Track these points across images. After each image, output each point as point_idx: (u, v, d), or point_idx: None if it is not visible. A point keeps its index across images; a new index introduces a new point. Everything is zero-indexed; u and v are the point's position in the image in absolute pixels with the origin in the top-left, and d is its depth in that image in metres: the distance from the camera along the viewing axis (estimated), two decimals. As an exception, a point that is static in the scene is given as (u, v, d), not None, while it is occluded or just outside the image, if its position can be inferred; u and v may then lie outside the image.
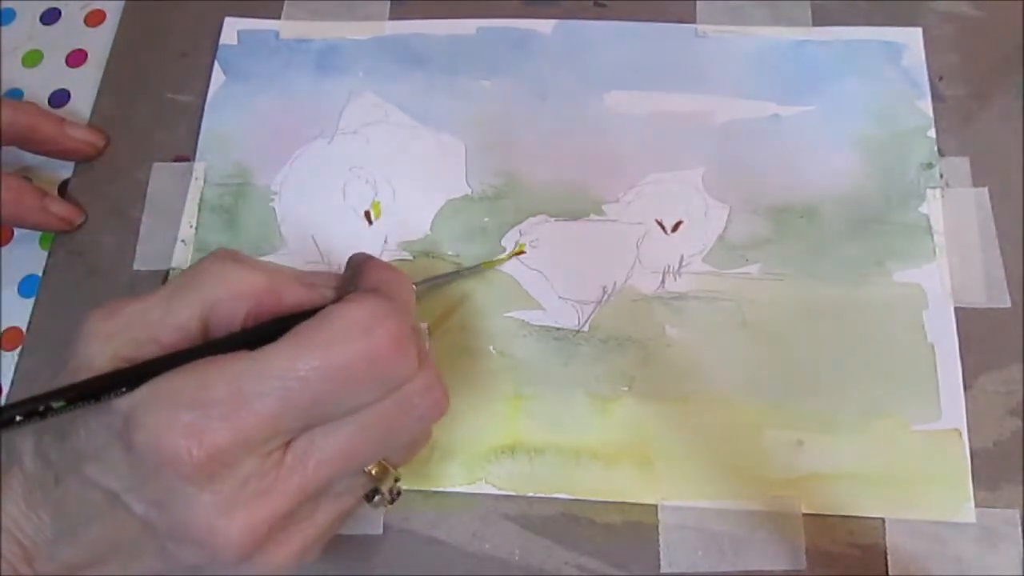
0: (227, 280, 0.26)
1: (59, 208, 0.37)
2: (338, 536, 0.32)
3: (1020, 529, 0.31)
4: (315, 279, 0.28)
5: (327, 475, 0.25)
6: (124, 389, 0.23)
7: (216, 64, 0.41)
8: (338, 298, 0.27)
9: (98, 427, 0.23)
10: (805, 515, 0.31)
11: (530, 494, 0.32)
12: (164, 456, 0.22)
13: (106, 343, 0.25)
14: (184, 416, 0.22)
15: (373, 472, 0.27)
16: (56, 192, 0.39)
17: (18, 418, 0.23)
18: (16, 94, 0.42)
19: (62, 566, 0.24)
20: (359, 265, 0.28)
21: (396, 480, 0.28)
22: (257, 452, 0.23)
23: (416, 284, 0.31)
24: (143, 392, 0.23)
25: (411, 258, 0.36)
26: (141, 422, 0.23)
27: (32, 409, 0.23)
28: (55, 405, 0.23)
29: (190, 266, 0.26)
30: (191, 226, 0.38)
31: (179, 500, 0.23)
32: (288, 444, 0.24)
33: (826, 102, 0.38)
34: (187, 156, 0.39)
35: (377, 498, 0.27)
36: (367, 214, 0.37)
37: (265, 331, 0.25)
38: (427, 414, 0.27)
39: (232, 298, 0.26)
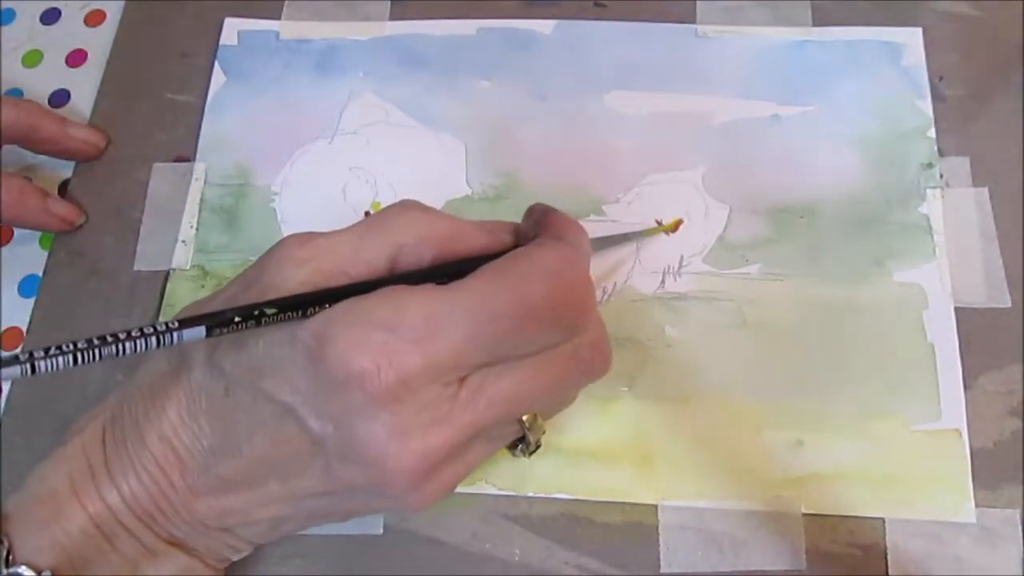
0: (415, 225, 0.26)
1: (60, 208, 0.37)
2: (338, 536, 0.32)
3: (1020, 529, 0.31)
4: (494, 227, 0.28)
5: (495, 415, 0.25)
6: (319, 308, 0.24)
7: (216, 64, 0.41)
8: (516, 244, 0.27)
9: (281, 341, 0.24)
10: (805, 515, 0.31)
11: (530, 494, 0.32)
12: (354, 372, 0.22)
13: (297, 268, 0.25)
14: (378, 335, 0.23)
15: (526, 420, 0.27)
16: (56, 192, 0.39)
17: (237, 319, 0.23)
18: (16, 94, 0.42)
19: (217, 479, 0.25)
20: (542, 215, 0.28)
21: (543, 432, 0.28)
22: (440, 381, 0.24)
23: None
24: (338, 309, 0.24)
25: (411, 258, 0.36)
26: (335, 337, 0.23)
27: (248, 313, 0.23)
28: (268, 312, 0.23)
29: (377, 212, 0.27)
30: (191, 226, 0.38)
31: (359, 419, 0.23)
32: (464, 379, 0.24)
33: (826, 102, 0.38)
34: (187, 156, 0.39)
35: (521, 447, 0.28)
36: (367, 214, 0.37)
37: (453, 270, 0.26)
38: (594, 369, 0.27)
39: (419, 242, 0.26)
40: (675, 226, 0.36)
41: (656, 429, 0.33)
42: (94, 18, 0.43)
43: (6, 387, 0.35)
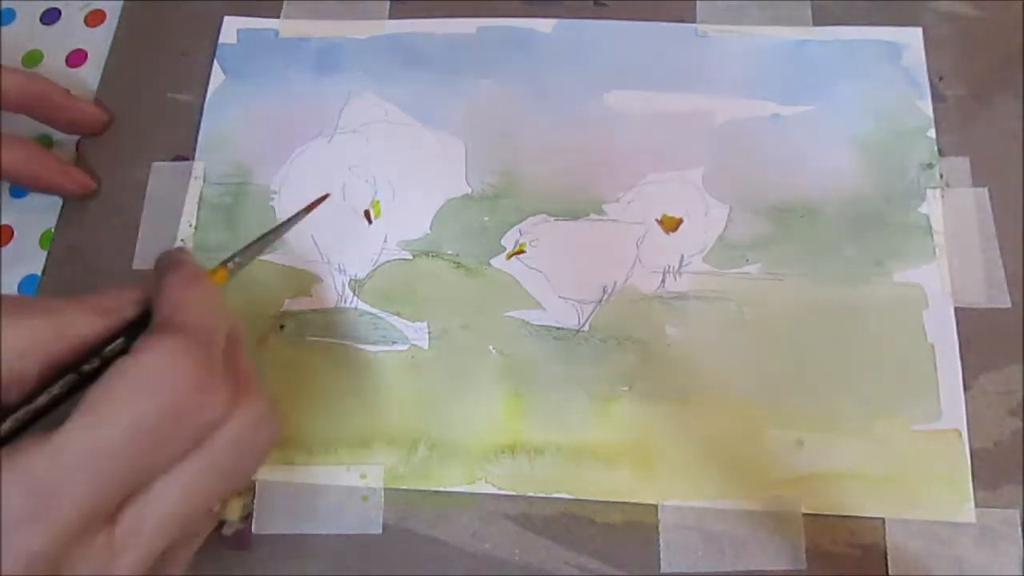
0: (7, 338, 0.23)
1: (77, 173, 0.38)
2: (338, 536, 0.32)
3: (1020, 529, 0.31)
4: (109, 302, 0.25)
5: (168, 538, 0.23)
6: None
7: (216, 63, 0.41)
8: (143, 313, 0.25)
9: None
10: (805, 515, 0.31)
11: (530, 494, 0.32)
12: None
13: None
14: None
15: (215, 509, 0.25)
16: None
17: None
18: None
19: None
20: (158, 279, 0.25)
21: (243, 506, 0.27)
22: (83, 542, 0.21)
23: (230, 262, 0.30)
24: None
25: (411, 257, 0.36)
26: None
27: None
28: None
29: None
30: (191, 226, 0.38)
31: None
32: (115, 518, 0.22)
33: (826, 102, 0.38)
34: (187, 155, 0.39)
35: (225, 526, 0.27)
36: (367, 213, 0.37)
37: (59, 388, 0.23)
38: (263, 447, 0.25)
39: (19, 358, 0.23)
40: (317, 203, 0.34)
41: (656, 429, 0.33)
42: (94, 18, 0.43)
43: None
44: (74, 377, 0.23)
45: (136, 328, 0.24)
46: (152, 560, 0.23)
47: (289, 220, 0.34)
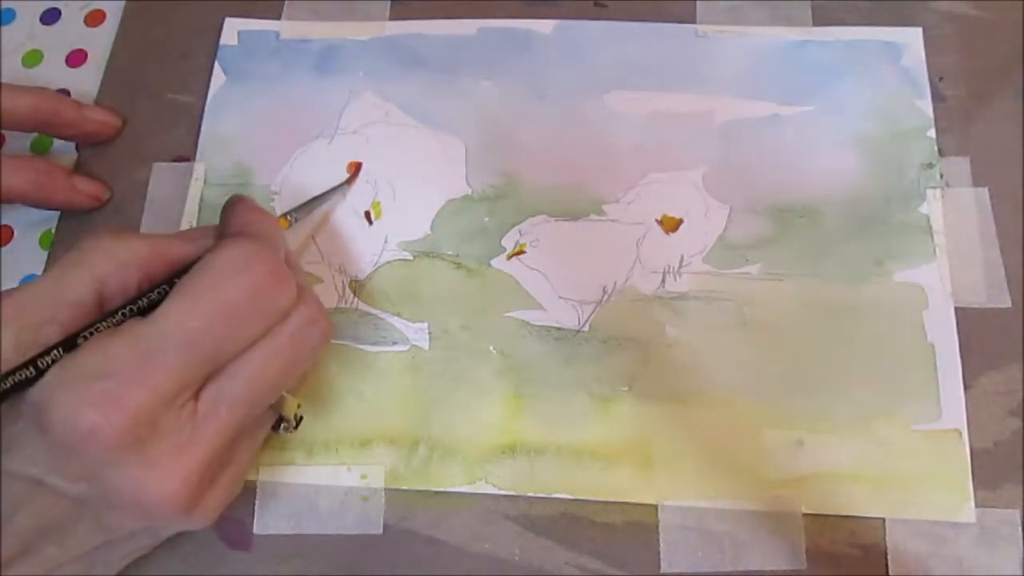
0: (112, 253, 0.27)
1: (87, 186, 0.38)
2: (338, 536, 0.32)
3: (1020, 529, 0.31)
4: (195, 234, 0.29)
5: (239, 416, 0.26)
6: (33, 374, 0.24)
7: (216, 64, 0.41)
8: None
9: (10, 417, 0.24)
10: (805, 515, 0.31)
11: (530, 494, 0.32)
12: (84, 431, 0.23)
13: (5, 330, 0.25)
14: (96, 387, 0.23)
15: (275, 404, 0.28)
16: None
17: None
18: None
19: None
20: (226, 211, 0.29)
21: (298, 406, 0.30)
22: (171, 407, 0.24)
23: (290, 214, 0.35)
24: (50, 376, 0.24)
25: (411, 258, 0.36)
26: (54, 403, 0.23)
27: None
28: None
29: (74, 248, 0.27)
30: (191, 226, 0.38)
31: (107, 470, 0.24)
32: (197, 395, 0.25)
33: (826, 102, 0.38)
34: (187, 156, 0.39)
35: (283, 425, 0.29)
36: (367, 214, 0.37)
37: (156, 294, 0.27)
38: (317, 344, 0.28)
39: (120, 268, 0.27)
40: (354, 170, 0.37)
41: (656, 429, 0.33)
42: (94, 18, 0.43)
43: None
44: (167, 286, 0.27)
45: None
46: (227, 438, 0.26)
47: (339, 186, 0.37)
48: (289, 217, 0.34)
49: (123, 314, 0.26)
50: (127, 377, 0.23)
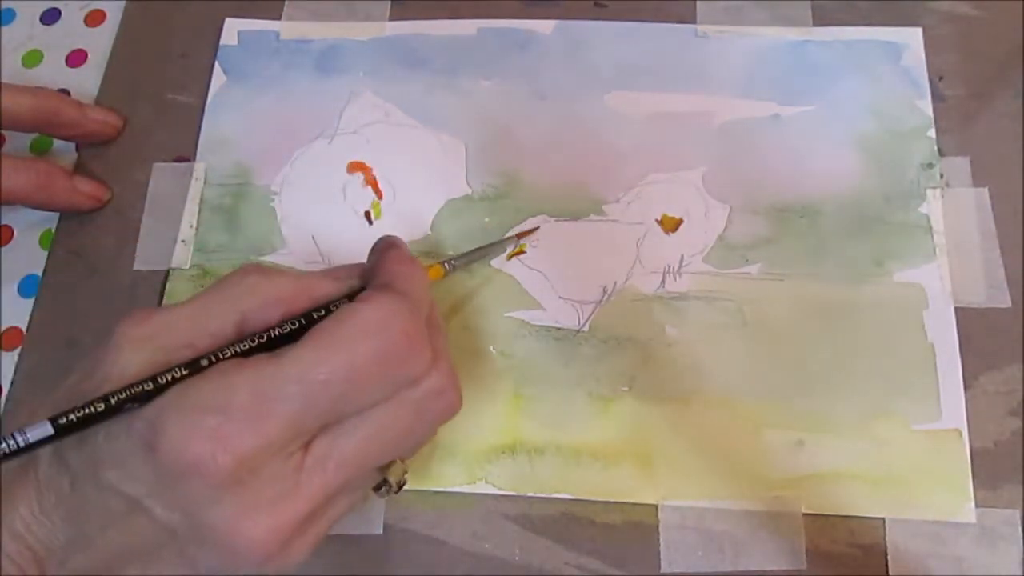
0: (257, 289, 0.26)
1: (87, 186, 0.38)
2: (338, 536, 0.32)
3: (1020, 529, 0.31)
4: (341, 272, 0.28)
5: (345, 476, 0.25)
6: (151, 389, 0.24)
7: (216, 64, 0.41)
8: (364, 287, 0.28)
9: (120, 433, 0.23)
10: (805, 515, 0.31)
11: (530, 494, 0.32)
12: (190, 462, 0.22)
13: (136, 352, 0.25)
14: (209, 420, 0.23)
15: (383, 466, 0.27)
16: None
17: (73, 417, 0.23)
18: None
19: (75, 572, 0.24)
20: (378, 255, 0.28)
21: (404, 472, 0.28)
22: (279, 455, 0.24)
23: (447, 263, 0.33)
24: (169, 396, 0.23)
25: (411, 258, 0.36)
26: (166, 428, 0.23)
27: (88, 415, 0.23)
28: (112, 401, 0.23)
29: (219, 280, 0.27)
30: (191, 226, 0.38)
31: (204, 505, 0.23)
32: (307, 446, 0.24)
33: (826, 102, 0.38)
34: (187, 156, 0.39)
35: (384, 488, 0.28)
36: (367, 214, 0.37)
37: (291, 326, 0.26)
38: (440, 416, 0.27)
39: (264, 306, 0.26)
40: (529, 232, 0.36)
41: (656, 429, 0.33)
42: (94, 18, 0.43)
43: (6, 387, 0.35)
44: (303, 320, 0.26)
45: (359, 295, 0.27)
46: (329, 495, 0.25)
47: (507, 239, 0.36)
48: (446, 266, 0.33)
49: (253, 340, 0.25)
50: (242, 417, 0.23)
